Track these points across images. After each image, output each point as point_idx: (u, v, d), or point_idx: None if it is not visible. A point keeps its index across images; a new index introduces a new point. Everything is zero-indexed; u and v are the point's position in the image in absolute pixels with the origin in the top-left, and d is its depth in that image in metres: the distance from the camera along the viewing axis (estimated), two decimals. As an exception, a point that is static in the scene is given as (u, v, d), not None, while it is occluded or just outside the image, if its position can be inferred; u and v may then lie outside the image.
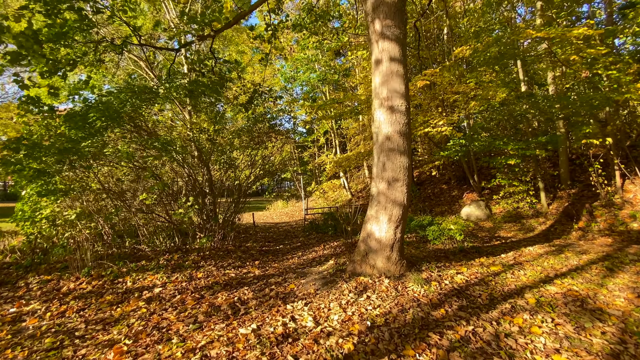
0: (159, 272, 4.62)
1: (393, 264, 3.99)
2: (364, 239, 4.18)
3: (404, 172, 3.83)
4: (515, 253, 5.70)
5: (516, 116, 8.31)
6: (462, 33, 11.14)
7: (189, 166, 6.36)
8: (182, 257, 5.48)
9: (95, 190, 5.53)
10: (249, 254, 6.34)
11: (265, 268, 5.11)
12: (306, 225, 10.62)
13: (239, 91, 8.37)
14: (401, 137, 3.77)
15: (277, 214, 18.16)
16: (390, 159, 3.82)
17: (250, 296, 3.73)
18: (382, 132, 3.84)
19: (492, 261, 5.03)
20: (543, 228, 8.03)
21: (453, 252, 5.81)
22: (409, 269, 4.10)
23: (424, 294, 3.49)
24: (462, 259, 5.14)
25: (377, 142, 3.94)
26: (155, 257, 5.40)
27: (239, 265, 5.16)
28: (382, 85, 3.81)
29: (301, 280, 4.21)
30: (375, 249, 4.03)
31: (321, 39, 10.14)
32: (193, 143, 6.19)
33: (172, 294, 3.89)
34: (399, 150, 3.78)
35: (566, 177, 9.45)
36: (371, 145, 12.77)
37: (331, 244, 7.12)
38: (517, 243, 6.68)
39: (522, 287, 3.81)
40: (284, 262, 5.65)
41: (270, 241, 8.24)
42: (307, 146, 20.67)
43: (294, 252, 6.59)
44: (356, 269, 4.14)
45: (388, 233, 3.92)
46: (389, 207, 3.88)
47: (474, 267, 4.62)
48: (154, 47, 6.44)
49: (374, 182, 4.06)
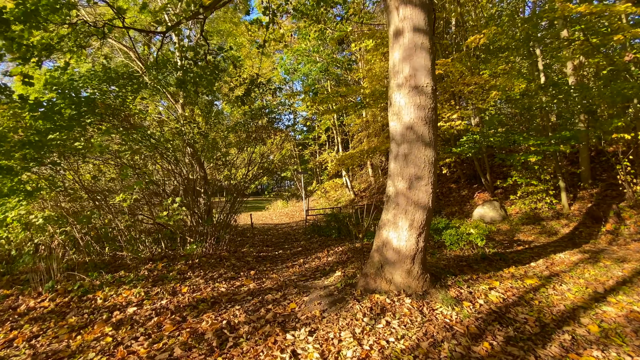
0: (138, 286, 3.94)
1: (414, 279, 3.31)
2: (378, 248, 3.50)
3: (429, 168, 3.15)
4: (546, 261, 5.03)
5: (536, 109, 7.63)
6: (472, 21, 10.45)
7: (177, 162, 5.69)
8: (168, 265, 4.81)
9: (69, 190, 4.85)
10: (244, 261, 5.67)
11: (261, 279, 4.43)
12: (307, 227, 9.95)
13: (236, 83, 7.69)
14: (426, 125, 3.09)
15: (276, 214, 17.48)
16: (412, 152, 3.13)
17: (242, 319, 3.06)
18: (403, 120, 3.15)
19: (524, 272, 4.36)
20: (567, 231, 7.35)
21: (475, 259, 5.14)
22: (433, 284, 3.43)
23: (457, 318, 2.81)
24: (488, 269, 4.47)
25: (396, 132, 3.25)
26: (136, 267, 4.73)
27: (232, 277, 4.49)
28: (403, 62, 3.12)
29: (303, 297, 3.53)
30: (392, 260, 3.36)
31: (323, 28, 9.45)
32: (181, 137, 5.50)
33: (148, 316, 3.21)
34: (423, 142, 3.10)
35: (587, 175, 8.77)
36: (376, 142, 12.08)
37: (335, 249, 6.45)
38: (543, 249, 6.01)
39: (572, 307, 3.14)
40: (284, 271, 4.97)
41: (269, 245, 7.57)
42: (307, 144, 19.97)
43: (295, 259, 5.92)
44: (369, 284, 3.46)
45: (409, 242, 3.24)
46: (410, 210, 3.20)
47: (506, 279, 3.95)
48: (138, 29, 5.75)
49: (391, 181, 3.38)
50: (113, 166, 5.20)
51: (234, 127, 7.71)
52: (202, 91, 6.53)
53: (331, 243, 7.29)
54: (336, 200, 15.87)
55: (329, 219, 8.65)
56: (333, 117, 14.99)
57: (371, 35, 9.59)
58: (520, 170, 8.62)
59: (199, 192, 7.36)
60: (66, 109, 4.23)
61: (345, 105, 8.88)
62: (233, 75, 7.87)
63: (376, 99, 8.63)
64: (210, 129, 7.54)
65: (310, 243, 7.58)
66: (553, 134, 8.04)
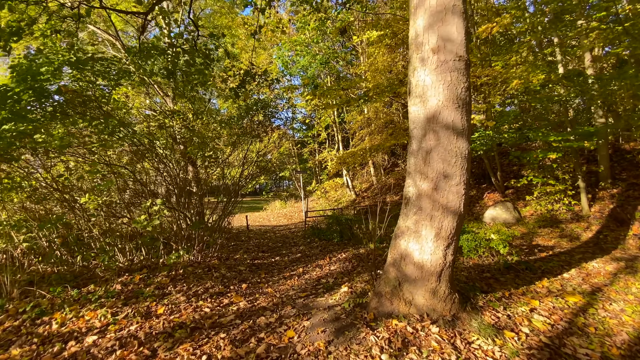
0: (105, 305, 3.30)
1: (440, 301, 2.69)
2: (394, 261, 2.88)
3: (462, 164, 2.53)
4: (579, 271, 4.42)
5: (556, 101, 7.02)
6: (482, 10, 9.86)
7: (160, 159, 5.04)
8: (147, 277, 4.16)
9: (32, 189, 4.20)
10: (236, 270, 5.03)
11: (254, 295, 3.79)
12: (307, 229, 9.31)
13: (230, 73, 7.06)
14: (459, 109, 2.47)
15: (274, 215, 16.83)
16: (440, 144, 2.51)
17: (226, 354, 2.42)
18: (429, 103, 2.52)
19: (560, 286, 3.75)
20: (590, 235, 6.74)
21: (497, 269, 4.53)
22: (462, 305, 2.80)
23: (502, 356, 2.19)
24: (518, 283, 3.86)
25: (419, 119, 2.63)
26: (109, 280, 4.09)
27: (220, 292, 3.84)
28: (428, 30, 2.49)
29: (304, 321, 2.90)
30: (413, 277, 2.73)
31: (323, 17, 8.81)
32: (165, 130, 4.86)
33: (110, 348, 2.57)
34: (454, 130, 2.47)
35: (606, 174, 8.18)
36: (379, 139, 11.45)
37: (338, 256, 5.82)
38: (570, 255, 5.40)
39: (637, 336, 2.52)
40: (280, 283, 4.33)
41: (265, 251, 6.93)
42: (306, 142, 19.30)
43: (293, 267, 5.28)
44: (384, 306, 2.84)
45: (435, 255, 2.62)
46: (436, 216, 2.57)
47: (544, 297, 3.33)
48: (117, 10, 5.09)
49: (411, 180, 2.76)
50: (88, 163, 4.54)
51: (227, 121, 7.07)
52: (193, 81, 5.88)
53: (333, 248, 6.67)
54: (336, 201, 15.24)
55: (331, 221, 8.02)
56: (333, 114, 14.34)
57: (375, 24, 8.95)
58: (535, 168, 8.02)
59: (190, 192, 6.73)
60: (23, 94, 3.58)
61: (347, 99, 8.25)
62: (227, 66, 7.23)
63: (380, 92, 8.00)
64: (203, 124, 6.90)
65: (310, 248, 6.95)
66: (572, 129, 7.45)
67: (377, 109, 12.45)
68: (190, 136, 5.60)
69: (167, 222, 5.93)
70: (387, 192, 13.36)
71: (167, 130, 5.07)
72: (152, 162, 5.03)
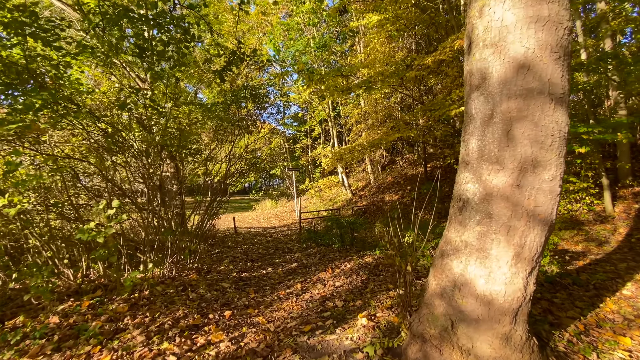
0: (27, 354, 2.30)
1: (516, 350, 1.82)
2: (444, 291, 1.99)
3: (559, 148, 1.66)
4: (637, 285, 3.66)
5: (581, 89, 6.31)
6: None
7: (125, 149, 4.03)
8: (98, 304, 3.17)
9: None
10: (218, 288, 4.06)
11: (240, 329, 2.84)
12: (301, 232, 8.39)
13: (214, 53, 6.07)
14: (558, 62, 1.59)
15: (264, 215, 15.82)
16: (528, 116, 1.63)
17: None
18: (510, 52, 1.64)
19: (631, 308, 2.95)
20: (619, 238, 6.06)
21: (540, 283, 3.72)
22: (543, 353, 1.94)
23: None
24: (578, 305, 3.05)
25: (489, 79, 1.74)
26: (47, 307, 3.07)
27: (194, 325, 2.88)
28: (514, -64, 1.60)
29: (312, 379, 1.98)
30: (474, 316, 1.85)
31: None
32: (125, 111, 3.83)
33: None
34: (550, 94, 1.60)
35: (627, 171, 7.56)
36: (379, 133, 10.60)
37: (342, 267, 4.93)
38: (610, 264, 4.65)
39: None
40: (275, 308, 3.40)
41: (255, 259, 5.96)
42: (299, 138, 18.30)
43: (289, 282, 4.35)
44: (430, 356, 1.95)
45: (512, 286, 1.74)
46: (517, 227, 1.70)
47: (626, 328, 2.52)
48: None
49: (472, 173, 1.87)
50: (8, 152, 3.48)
51: (210, 108, 6.07)
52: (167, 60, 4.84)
53: (334, 256, 5.77)
54: (331, 200, 14.35)
55: (330, 224, 7.11)
56: (328, 107, 13.40)
57: (377, 4, 8.07)
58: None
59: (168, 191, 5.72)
60: None
61: (348, 87, 7.36)
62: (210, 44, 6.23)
63: (384, 78, 7.13)
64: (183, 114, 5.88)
65: (308, 255, 6.03)
66: (594, 122, 6.78)
67: (375, 101, 11.60)
68: (163, 123, 4.59)
69: (136, 227, 4.92)
70: (386, 191, 12.55)
71: (132, 112, 4.05)
72: (112, 153, 4.00)
